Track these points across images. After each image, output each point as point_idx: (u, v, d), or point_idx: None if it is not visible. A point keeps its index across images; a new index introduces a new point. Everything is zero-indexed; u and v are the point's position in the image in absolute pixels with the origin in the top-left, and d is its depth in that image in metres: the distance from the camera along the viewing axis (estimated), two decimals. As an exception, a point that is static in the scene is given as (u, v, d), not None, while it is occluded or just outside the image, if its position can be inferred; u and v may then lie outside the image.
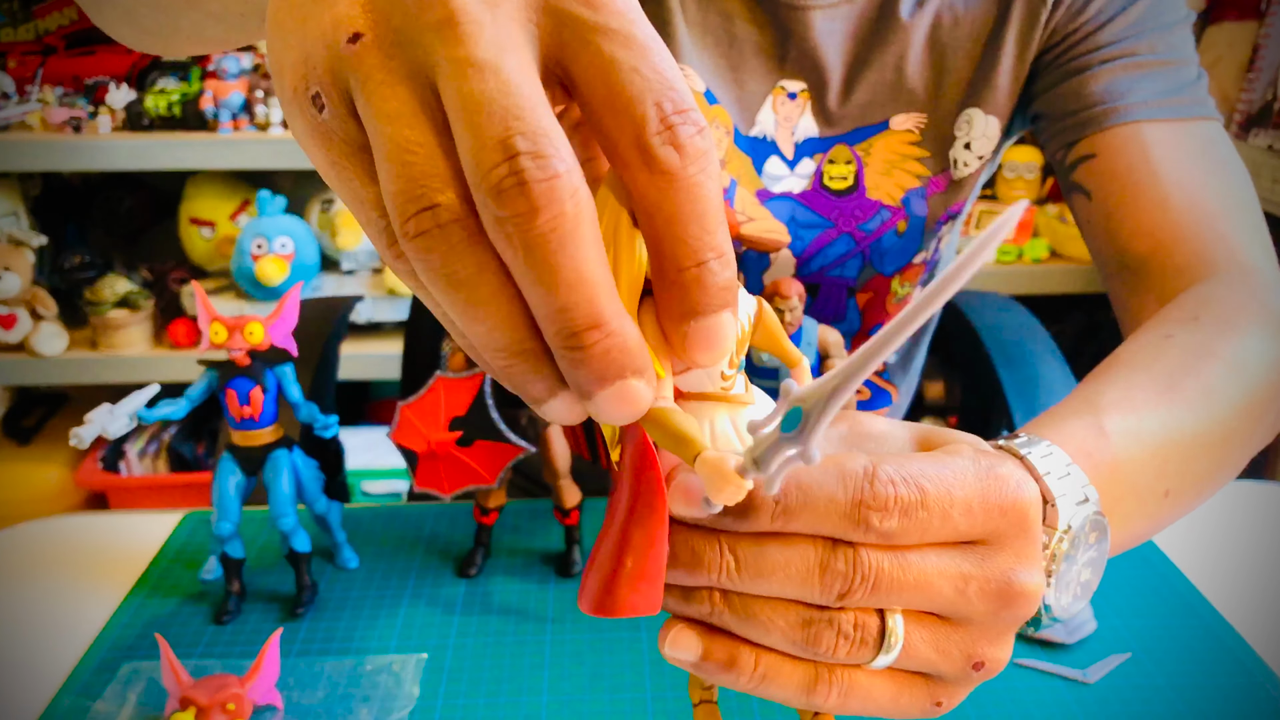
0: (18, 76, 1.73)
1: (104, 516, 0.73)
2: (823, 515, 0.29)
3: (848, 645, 0.30)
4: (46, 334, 1.68)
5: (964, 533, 0.30)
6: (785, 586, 0.29)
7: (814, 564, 0.29)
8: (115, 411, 0.55)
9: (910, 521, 0.29)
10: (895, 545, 0.30)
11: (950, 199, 0.74)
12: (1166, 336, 0.53)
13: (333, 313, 0.94)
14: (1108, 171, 0.67)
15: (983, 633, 0.32)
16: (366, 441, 1.79)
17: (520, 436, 0.60)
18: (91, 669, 0.56)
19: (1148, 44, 0.68)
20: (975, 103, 0.71)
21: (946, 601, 0.30)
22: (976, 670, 0.32)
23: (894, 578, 0.29)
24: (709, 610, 0.30)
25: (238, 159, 1.65)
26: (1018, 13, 0.69)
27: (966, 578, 0.30)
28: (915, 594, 0.30)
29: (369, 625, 0.60)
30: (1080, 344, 1.93)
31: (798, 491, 0.28)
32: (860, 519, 0.28)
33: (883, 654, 0.30)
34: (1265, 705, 0.53)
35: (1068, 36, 0.69)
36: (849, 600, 0.29)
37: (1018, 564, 0.31)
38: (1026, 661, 0.56)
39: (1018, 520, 0.31)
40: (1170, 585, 0.63)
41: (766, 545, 0.29)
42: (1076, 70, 0.69)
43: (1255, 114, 1.63)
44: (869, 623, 0.30)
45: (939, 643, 0.31)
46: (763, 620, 0.30)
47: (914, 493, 0.29)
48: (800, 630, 0.30)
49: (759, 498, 0.28)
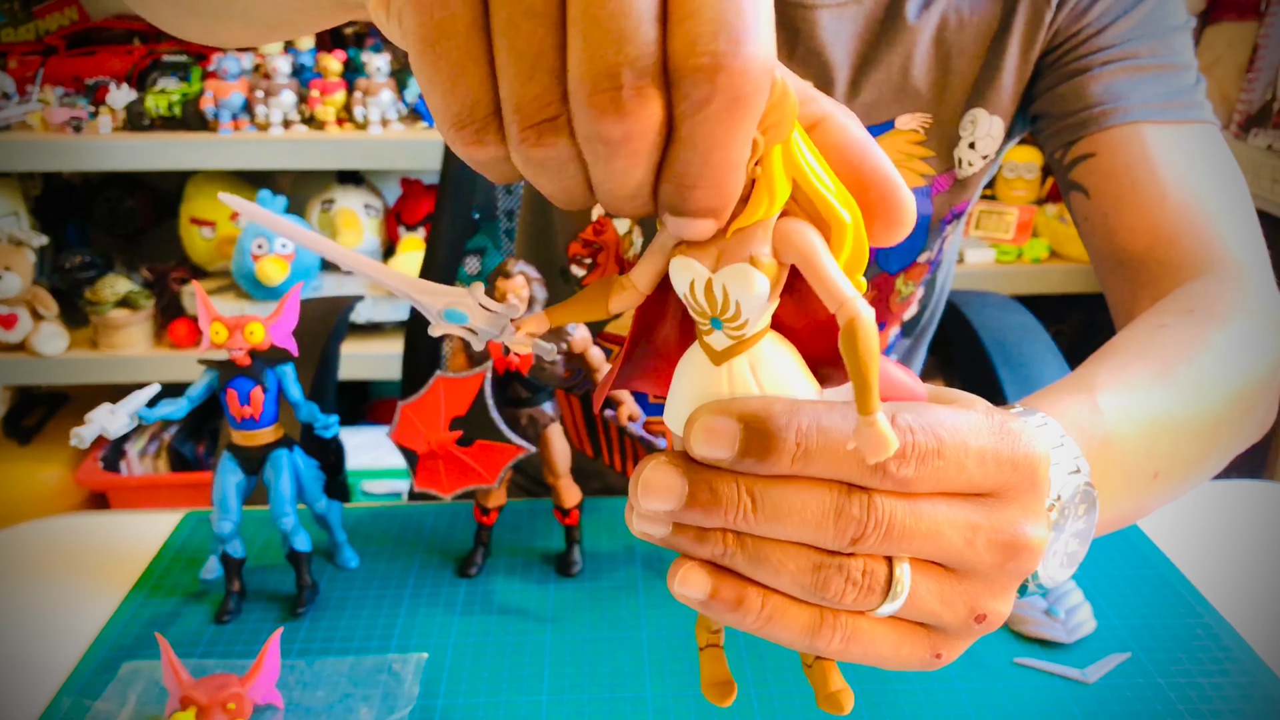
0: (18, 76, 1.73)
1: (104, 516, 0.73)
2: (842, 460, 0.29)
3: (855, 591, 0.30)
4: (47, 334, 1.68)
5: (976, 483, 0.31)
6: (800, 530, 0.29)
7: (829, 508, 0.29)
8: (116, 411, 0.55)
9: (926, 469, 0.29)
10: (909, 493, 0.30)
11: (954, 198, 0.75)
12: (1161, 326, 0.54)
13: (333, 312, 0.94)
14: (1106, 170, 0.67)
15: (986, 585, 0.32)
16: (367, 441, 1.79)
17: (520, 436, 0.60)
18: (92, 668, 0.56)
19: (1149, 47, 0.69)
20: (980, 103, 0.72)
21: (954, 551, 0.31)
22: (978, 623, 0.32)
23: (906, 525, 0.29)
24: (721, 551, 0.30)
25: (238, 159, 1.65)
26: (1022, 14, 0.70)
27: (975, 527, 0.31)
28: (925, 542, 0.30)
29: (369, 625, 0.60)
30: (1080, 344, 1.93)
31: (818, 435, 0.29)
32: (879, 465, 0.29)
33: (888, 602, 0.30)
34: (1265, 705, 0.53)
35: (1070, 38, 0.70)
36: (861, 545, 0.29)
37: (1024, 517, 0.31)
38: (1026, 661, 0.56)
39: (1028, 474, 0.31)
40: (1170, 585, 0.63)
41: (784, 488, 0.29)
42: (1078, 71, 0.69)
43: (1255, 114, 1.63)
44: (877, 570, 0.30)
45: (943, 593, 0.31)
46: (774, 563, 0.30)
47: (931, 440, 0.29)
48: (810, 574, 0.30)
49: (780, 440, 0.28)
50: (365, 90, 1.70)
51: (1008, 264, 1.82)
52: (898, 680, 0.55)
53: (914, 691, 0.54)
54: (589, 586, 0.63)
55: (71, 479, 1.77)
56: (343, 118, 1.71)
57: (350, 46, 1.83)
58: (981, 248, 1.82)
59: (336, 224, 1.77)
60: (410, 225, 1.81)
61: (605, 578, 0.64)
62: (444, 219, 0.98)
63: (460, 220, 0.98)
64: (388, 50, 1.76)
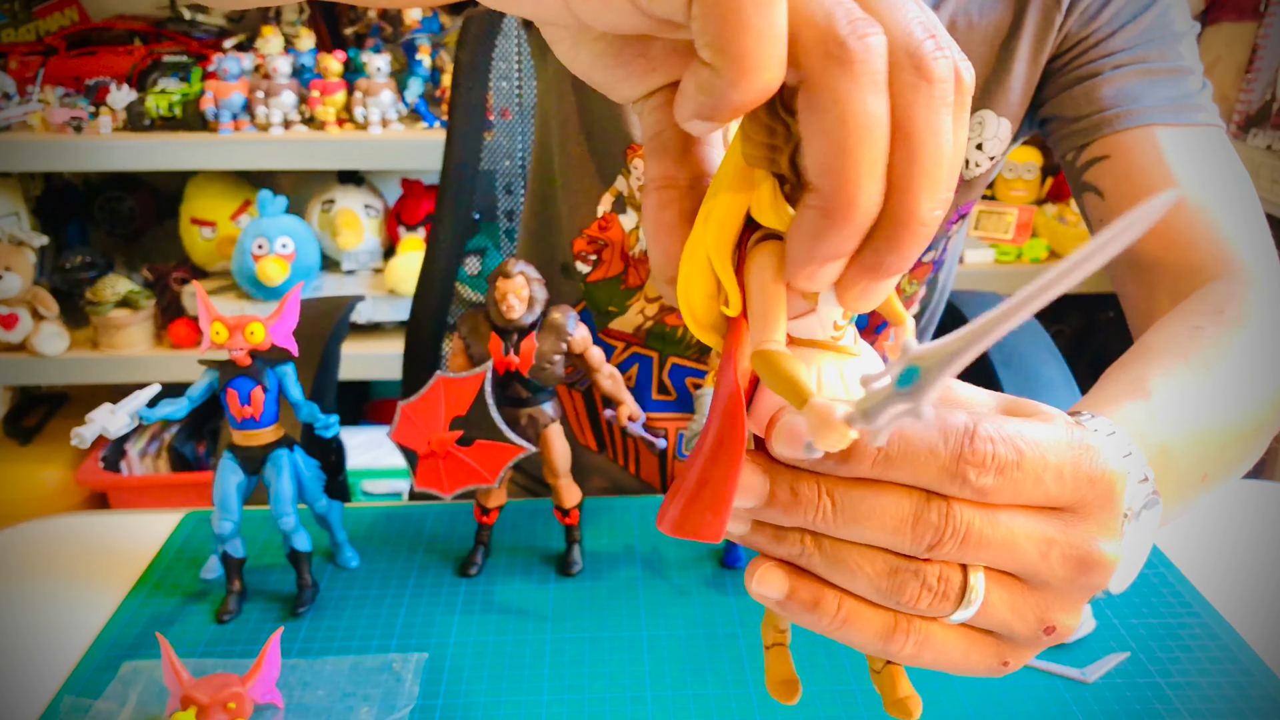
0: (19, 77, 1.73)
1: (105, 516, 0.73)
2: (922, 466, 0.29)
3: (930, 597, 0.30)
4: (48, 334, 1.68)
5: (1053, 498, 0.31)
6: (878, 533, 0.29)
7: (908, 513, 0.29)
8: (116, 411, 0.55)
9: (1005, 480, 0.29)
10: (987, 503, 0.30)
11: (961, 198, 0.75)
12: (1197, 328, 0.55)
13: (334, 312, 0.94)
14: (1121, 172, 0.68)
15: (1057, 598, 0.32)
16: (367, 441, 1.79)
17: (520, 436, 0.60)
18: (92, 668, 0.56)
19: (1158, 52, 0.70)
20: (988, 105, 0.73)
21: (1028, 563, 0.31)
22: (1047, 634, 0.33)
23: (983, 534, 0.30)
24: (799, 551, 0.30)
25: (238, 159, 1.65)
26: (1032, 18, 0.70)
27: (1050, 541, 0.31)
28: (1000, 553, 0.30)
29: (369, 624, 0.60)
30: (1080, 344, 1.93)
31: (900, 441, 0.29)
32: (958, 473, 0.29)
33: (961, 609, 0.31)
34: (1265, 705, 0.53)
35: (1080, 42, 0.71)
36: (937, 552, 0.30)
37: (1100, 534, 0.32)
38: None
39: (1104, 491, 0.31)
40: (1170, 585, 0.63)
41: (864, 491, 0.29)
42: (1089, 75, 0.70)
43: (1254, 114, 1.63)
44: (952, 577, 0.30)
45: (1015, 604, 0.32)
46: (851, 565, 0.30)
47: (1011, 453, 0.29)
48: (886, 578, 0.30)
49: (862, 444, 0.29)
50: (365, 90, 1.70)
51: (1007, 264, 1.82)
52: (897, 680, 0.55)
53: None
54: (589, 586, 0.64)
55: (72, 479, 1.78)
56: (343, 118, 1.71)
57: (350, 47, 1.83)
58: (981, 248, 1.82)
59: (337, 224, 1.77)
60: (410, 225, 1.82)
61: (605, 578, 0.64)
62: (444, 219, 0.98)
63: (460, 220, 0.99)
64: (388, 51, 1.76)
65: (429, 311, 1.00)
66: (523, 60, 0.96)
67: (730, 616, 0.61)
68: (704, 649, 0.57)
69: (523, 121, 0.98)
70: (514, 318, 0.59)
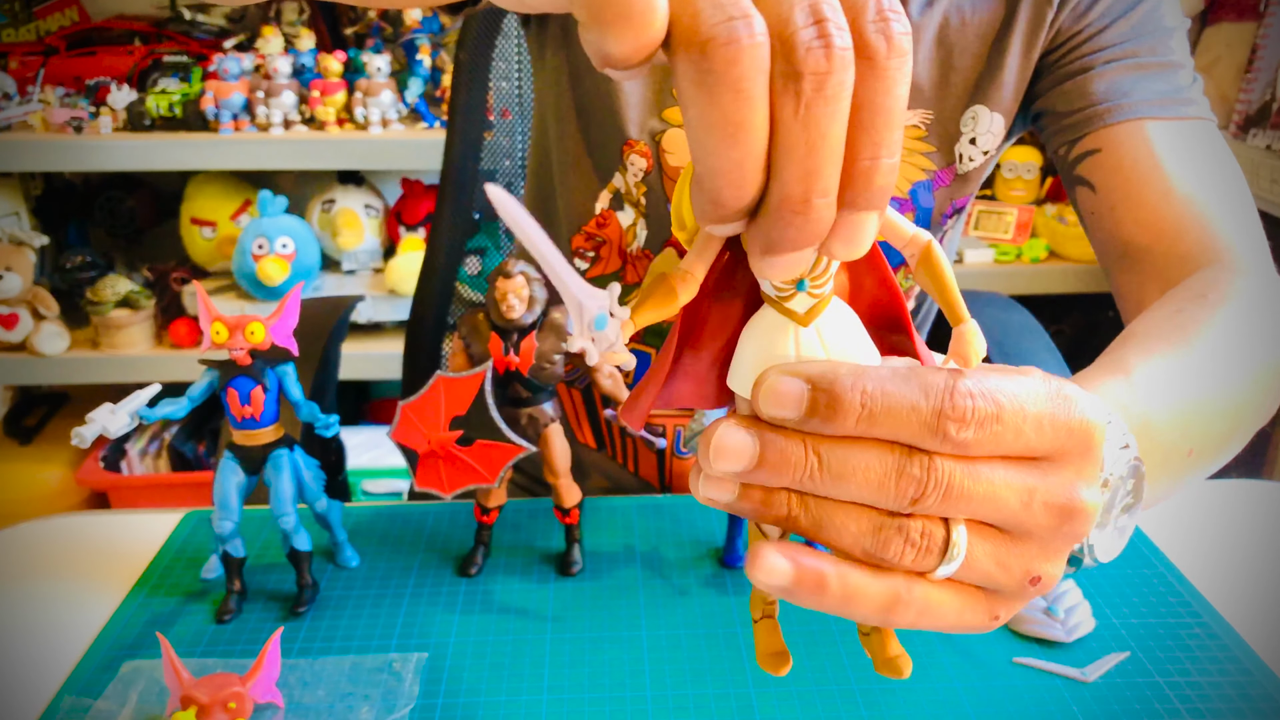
0: (19, 77, 1.73)
1: (105, 516, 0.73)
2: (904, 422, 0.29)
3: (914, 552, 0.31)
4: (48, 334, 1.68)
5: (1033, 448, 0.31)
6: (863, 489, 0.30)
7: (891, 468, 0.30)
8: (116, 411, 0.55)
9: (985, 434, 0.30)
10: (968, 456, 0.30)
11: (956, 192, 0.76)
12: (1178, 310, 0.56)
13: (334, 312, 0.94)
14: (1112, 165, 0.69)
15: (1041, 547, 0.33)
16: (367, 441, 1.79)
17: (520, 436, 0.60)
18: (93, 668, 0.56)
19: (1149, 46, 0.71)
20: (981, 100, 0.73)
21: (1011, 514, 0.31)
22: (1032, 585, 0.33)
23: (964, 487, 0.30)
24: (785, 513, 0.31)
25: (239, 159, 1.65)
26: (1024, 14, 0.71)
27: (1032, 490, 0.31)
28: (983, 504, 0.31)
29: (369, 624, 0.60)
30: (1080, 344, 1.93)
31: (883, 398, 0.29)
32: (939, 429, 0.29)
33: (945, 563, 0.31)
34: (1265, 705, 0.53)
35: (1072, 38, 0.72)
36: (920, 506, 0.30)
37: (1079, 480, 0.32)
38: (1025, 660, 0.56)
39: (1083, 439, 0.32)
40: (1169, 584, 0.63)
41: (849, 448, 0.30)
42: (1080, 70, 0.71)
43: (1254, 114, 1.63)
44: (935, 532, 0.31)
45: (999, 555, 0.32)
46: (837, 524, 0.31)
47: (991, 406, 0.30)
48: (871, 536, 0.31)
49: (847, 401, 0.29)
50: (366, 91, 1.70)
51: (1007, 264, 1.82)
52: (897, 679, 0.55)
53: (913, 690, 0.54)
54: (589, 586, 0.64)
55: (72, 479, 1.78)
56: (343, 118, 1.72)
57: (351, 47, 1.83)
58: (981, 248, 1.82)
59: (337, 224, 1.77)
60: (410, 225, 1.82)
61: (605, 578, 0.64)
62: (444, 219, 0.98)
63: (460, 220, 0.99)
64: (388, 51, 1.76)
65: (429, 311, 1.00)
66: (522, 60, 0.96)
67: (730, 616, 0.61)
68: (704, 649, 0.58)
69: (523, 121, 0.98)
70: (514, 318, 0.59)
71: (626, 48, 0.25)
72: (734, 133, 0.25)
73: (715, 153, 0.25)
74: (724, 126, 0.25)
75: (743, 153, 0.25)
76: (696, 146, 0.26)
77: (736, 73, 0.24)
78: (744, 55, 0.24)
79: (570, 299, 0.28)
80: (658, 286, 0.30)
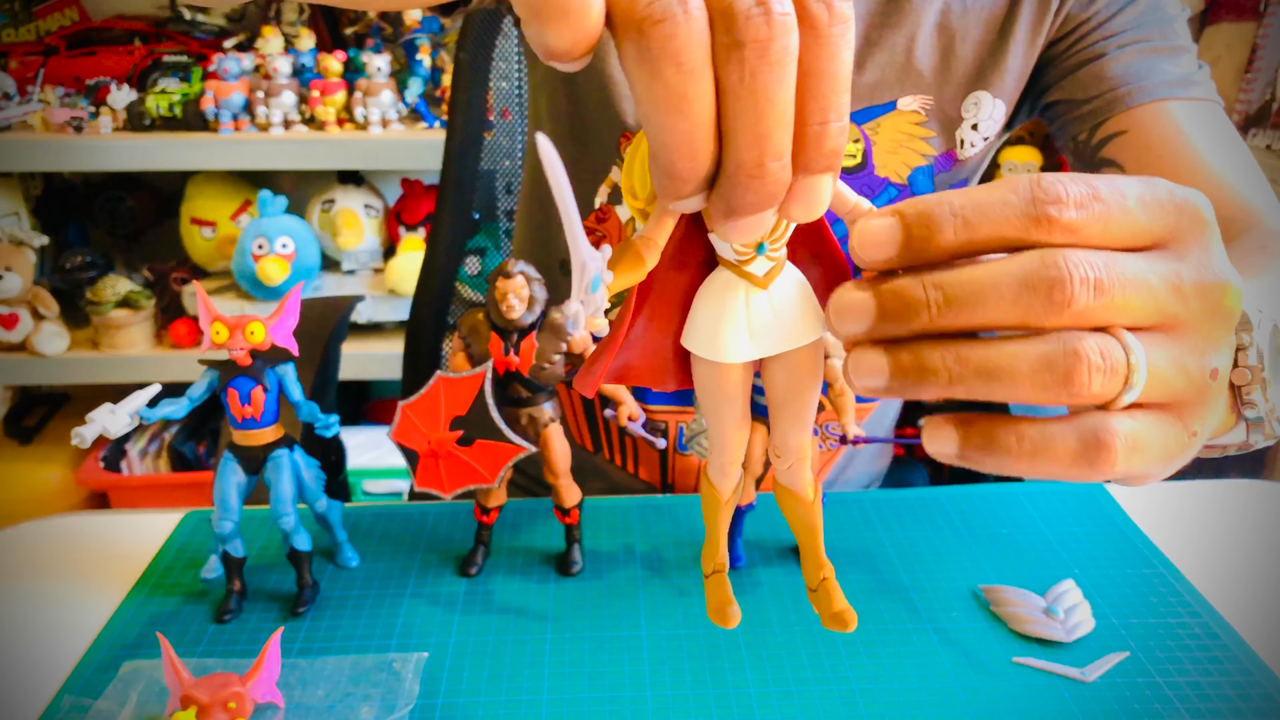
0: (19, 77, 1.73)
1: (105, 516, 0.73)
2: (1001, 220, 0.29)
3: (1101, 376, 0.29)
4: (48, 334, 1.68)
5: (1145, 228, 0.30)
6: (1002, 306, 0.29)
7: (1024, 273, 0.28)
8: (117, 411, 0.55)
9: (1089, 214, 0.29)
10: (1092, 243, 0.29)
11: (955, 177, 0.77)
12: (1245, 256, 0.56)
13: (334, 312, 0.94)
14: (1141, 145, 0.70)
15: (1205, 337, 0.31)
16: (367, 441, 1.79)
17: (520, 436, 0.60)
18: (93, 668, 0.56)
19: (1159, 31, 0.72)
20: (983, 85, 0.74)
21: (1166, 304, 0.30)
22: (1214, 379, 0.31)
23: (1111, 276, 0.29)
24: (946, 375, 0.29)
25: (238, 159, 1.65)
26: (1029, 1, 0.72)
27: (1177, 273, 0.30)
28: (1137, 298, 0.29)
29: (370, 624, 0.60)
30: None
31: (972, 206, 0.29)
32: (1039, 215, 0.29)
33: (1131, 384, 0.29)
34: (1265, 705, 0.53)
35: (1080, 26, 0.73)
36: (1074, 307, 0.28)
37: (1210, 257, 0.31)
38: (1025, 660, 0.56)
39: (1193, 215, 0.31)
40: (1169, 584, 0.63)
41: (968, 268, 0.29)
42: (1094, 56, 0.72)
43: (1253, 114, 1.63)
44: (1110, 347, 0.29)
45: (1175, 358, 0.30)
46: (1006, 368, 0.29)
47: (1085, 187, 0.29)
48: (1047, 371, 0.29)
49: (937, 214, 0.29)
50: (366, 91, 1.70)
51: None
52: (896, 679, 0.55)
53: (914, 690, 0.54)
54: (589, 586, 0.64)
55: (72, 479, 1.78)
56: (343, 118, 1.71)
57: (350, 47, 1.83)
58: (981, 248, 1.81)
59: (337, 224, 1.77)
60: (410, 225, 1.82)
61: (605, 578, 0.64)
62: (444, 219, 0.98)
63: (460, 220, 0.99)
64: (388, 51, 1.76)
65: (429, 311, 1.00)
66: (522, 60, 0.96)
67: (730, 616, 0.61)
68: (704, 649, 0.58)
69: (523, 121, 0.98)
70: (514, 318, 0.59)
71: (566, 40, 0.25)
72: (679, 104, 0.25)
73: (665, 127, 0.26)
74: (669, 100, 0.25)
75: (691, 124, 0.26)
76: (647, 124, 0.26)
77: (675, 47, 0.25)
78: (680, 30, 0.25)
79: (577, 255, 0.29)
80: (625, 252, 0.31)
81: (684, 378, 0.34)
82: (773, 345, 0.32)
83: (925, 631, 0.59)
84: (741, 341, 0.31)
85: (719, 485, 0.36)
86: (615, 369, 0.34)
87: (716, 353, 0.31)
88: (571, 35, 0.25)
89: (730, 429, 0.34)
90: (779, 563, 0.65)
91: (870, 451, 0.91)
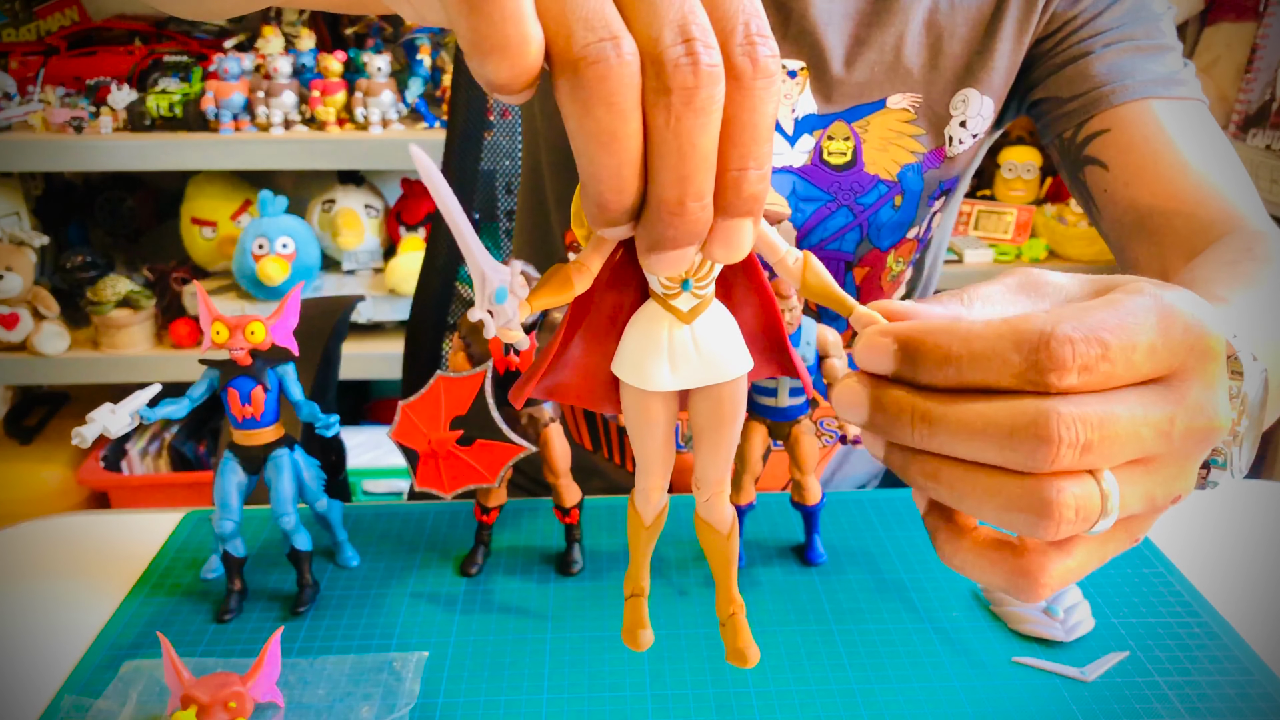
0: (19, 77, 1.73)
1: (106, 515, 0.73)
2: (997, 375, 0.29)
3: (1070, 526, 0.30)
4: (48, 334, 1.68)
5: (1150, 372, 0.30)
6: (987, 451, 0.29)
7: (1013, 425, 0.29)
8: (117, 411, 0.55)
9: (1092, 376, 0.29)
10: (1088, 390, 0.29)
11: (944, 174, 0.77)
12: (1233, 263, 0.56)
13: (334, 312, 0.94)
14: (1124, 144, 0.70)
15: (1180, 470, 0.32)
16: (367, 441, 1.79)
17: (520, 436, 0.60)
18: (93, 667, 0.56)
19: (1144, 30, 0.72)
20: (971, 83, 0.74)
21: (1151, 447, 0.30)
22: (1174, 503, 0.32)
23: (1102, 434, 0.29)
24: (923, 477, 0.31)
25: (239, 159, 1.65)
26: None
27: (1171, 420, 0.30)
28: (1123, 448, 0.30)
29: (370, 623, 0.60)
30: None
31: (962, 345, 0.30)
32: (1038, 380, 0.29)
33: (1102, 519, 0.30)
34: (1265, 705, 0.53)
35: (1066, 24, 0.73)
36: (1057, 465, 0.29)
37: (1208, 394, 0.31)
38: (1025, 660, 0.56)
39: (1203, 351, 0.31)
40: (1169, 584, 0.63)
41: (960, 402, 0.30)
42: (1080, 54, 0.72)
43: (1253, 114, 1.63)
44: (1087, 495, 0.30)
45: (1146, 490, 0.31)
46: (973, 500, 0.30)
47: (1095, 348, 0.29)
48: (1015, 514, 0.30)
49: (928, 349, 0.30)
50: (366, 91, 1.70)
51: (1007, 264, 1.82)
52: (896, 679, 0.55)
53: (913, 690, 0.54)
54: (589, 586, 0.64)
55: (73, 478, 1.78)
56: (343, 118, 1.72)
57: (351, 47, 1.83)
58: (980, 248, 1.82)
59: (337, 224, 1.77)
60: (411, 225, 1.82)
61: (605, 578, 0.64)
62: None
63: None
64: (388, 51, 1.76)
65: (429, 311, 1.00)
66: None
67: (730, 616, 0.61)
68: (704, 649, 0.58)
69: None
70: (514, 317, 0.59)
71: (506, 75, 0.26)
72: (608, 142, 0.27)
73: (595, 160, 0.27)
74: (599, 136, 0.26)
75: (619, 160, 0.27)
76: (578, 156, 0.27)
77: (607, 89, 0.26)
78: (612, 73, 0.26)
79: (475, 268, 0.30)
80: (554, 275, 0.32)
81: (618, 401, 0.35)
82: (694, 378, 0.32)
83: (925, 631, 0.59)
84: (663, 372, 0.32)
85: (642, 510, 0.36)
86: (547, 386, 0.34)
87: (640, 380, 0.32)
88: (510, 70, 0.26)
89: (653, 455, 0.35)
90: (779, 563, 0.65)
91: (870, 451, 0.91)
